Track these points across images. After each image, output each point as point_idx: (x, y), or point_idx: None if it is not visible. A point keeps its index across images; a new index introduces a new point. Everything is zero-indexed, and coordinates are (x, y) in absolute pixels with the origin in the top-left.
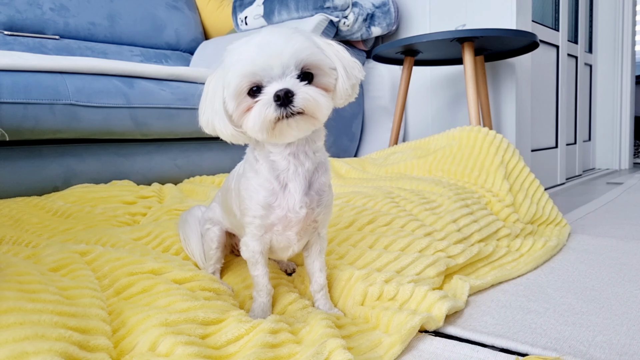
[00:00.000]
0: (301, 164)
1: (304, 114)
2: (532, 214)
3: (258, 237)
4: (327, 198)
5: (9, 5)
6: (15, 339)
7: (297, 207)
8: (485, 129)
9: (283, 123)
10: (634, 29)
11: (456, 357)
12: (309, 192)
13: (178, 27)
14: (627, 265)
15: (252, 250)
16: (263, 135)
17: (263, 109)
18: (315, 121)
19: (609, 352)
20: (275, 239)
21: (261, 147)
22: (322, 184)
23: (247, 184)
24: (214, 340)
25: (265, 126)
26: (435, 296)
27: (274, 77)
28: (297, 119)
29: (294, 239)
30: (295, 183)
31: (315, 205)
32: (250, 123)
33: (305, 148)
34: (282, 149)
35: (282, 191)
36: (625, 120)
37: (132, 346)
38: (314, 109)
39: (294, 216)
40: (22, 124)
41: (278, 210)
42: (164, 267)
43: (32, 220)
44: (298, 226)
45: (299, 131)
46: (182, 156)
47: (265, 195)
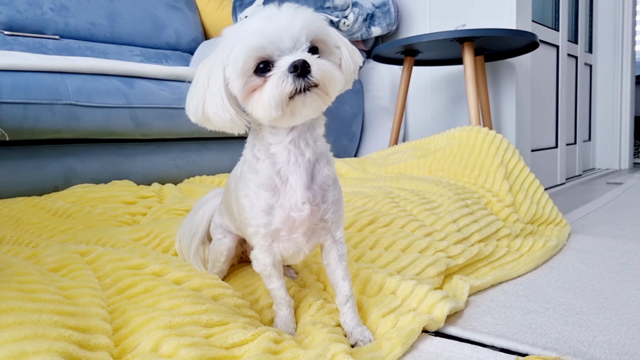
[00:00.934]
0: (301, 154)
1: (318, 88)
2: (532, 214)
3: (266, 249)
4: (332, 193)
5: (9, 5)
6: (15, 338)
7: (299, 203)
8: (485, 129)
9: (298, 99)
10: (634, 29)
11: (456, 357)
12: (311, 187)
13: (178, 27)
14: (627, 265)
15: (264, 264)
16: (276, 113)
17: (279, 81)
18: (327, 98)
19: (609, 352)
20: (283, 246)
21: (261, 139)
22: (325, 176)
23: (246, 190)
24: (218, 342)
25: (281, 101)
26: (437, 296)
27: (284, 50)
28: (312, 94)
29: (301, 241)
30: (296, 176)
31: (320, 201)
32: (264, 98)
33: (307, 135)
34: (283, 137)
35: (283, 187)
36: (625, 120)
37: (134, 346)
38: (330, 82)
39: (297, 215)
40: (22, 124)
41: (280, 212)
42: (164, 269)
43: (32, 220)
44: (304, 226)
45: (312, 109)
46: (182, 156)
47: (267, 197)
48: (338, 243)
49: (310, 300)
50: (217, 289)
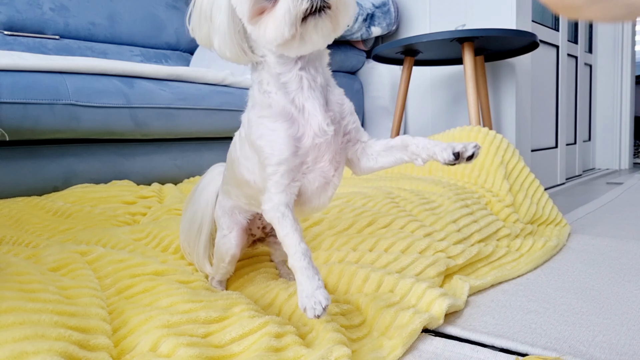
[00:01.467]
0: (313, 79)
1: (331, 11)
2: (532, 214)
3: (284, 188)
4: (348, 105)
5: (9, 5)
6: (15, 338)
7: (323, 125)
8: (485, 129)
9: (311, 22)
10: (633, 29)
11: (456, 357)
12: (328, 108)
13: (178, 27)
14: (627, 266)
15: (277, 203)
16: (289, 32)
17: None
18: (337, 27)
19: (609, 352)
20: (308, 180)
21: (268, 72)
22: (337, 95)
23: (260, 131)
24: (217, 340)
25: (295, 18)
26: (435, 293)
27: None
28: (325, 17)
29: (329, 169)
30: (314, 100)
31: (339, 117)
32: (278, 14)
33: (315, 63)
34: (292, 66)
35: (301, 115)
36: (625, 120)
37: (133, 346)
38: (343, 6)
39: (323, 139)
40: (22, 124)
41: (303, 140)
42: (166, 270)
43: (32, 220)
44: (330, 151)
45: (322, 36)
46: (182, 156)
47: (286, 128)
48: (368, 142)
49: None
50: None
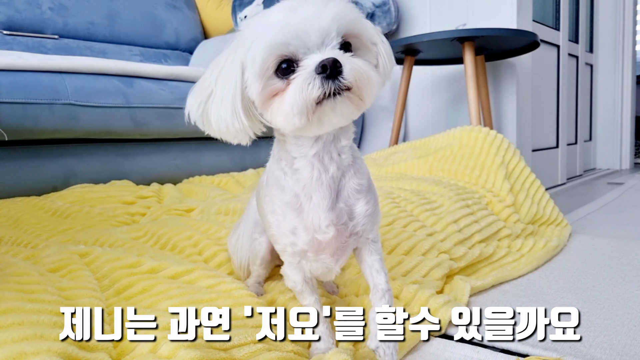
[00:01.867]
0: (325, 170)
1: (351, 92)
2: (532, 214)
3: (295, 266)
4: (364, 208)
5: (8, 5)
6: (14, 339)
7: (323, 225)
8: (486, 129)
9: (327, 104)
10: (634, 29)
11: (456, 357)
12: (335, 206)
13: (177, 27)
14: (628, 266)
15: (294, 281)
16: (300, 122)
17: (304, 84)
18: (361, 104)
19: (609, 352)
20: (311, 266)
21: (285, 152)
22: (351, 190)
23: (272, 207)
24: (218, 344)
25: (306, 108)
26: (439, 301)
27: (311, 47)
28: (343, 99)
29: (330, 262)
30: (319, 195)
31: (347, 219)
32: (286, 104)
33: (331, 148)
34: (308, 149)
35: (308, 205)
36: (626, 120)
37: (133, 347)
38: (365, 85)
39: (322, 237)
40: (21, 123)
41: (303, 234)
42: (161, 265)
43: (31, 221)
44: (331, 247)
45: (343, 117)
46: (181, 156)
47: (291, 217)
48: (371, 242)
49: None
50: (213, 279)
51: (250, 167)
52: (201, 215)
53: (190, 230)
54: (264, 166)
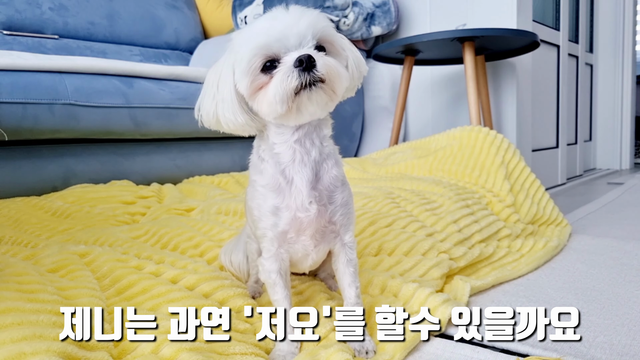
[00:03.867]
0: (307, 152)
1: (325, 84)
2: (532, 214)
3: (273, 253)
4: (341, 195)
5: (8, 5)
6: (14, 339)
7: (305, 203)
8: (486, 129)
9: (304, 94)
10: (634, 29)
11: (456, 357)
12: (316, 187)
13: (177, 27)
14: (627, 266)
15: (268, 270)
16: (282, 108)
17: (284, 76)
18: (333, 95)
19: (609, 352)
20: (293, 250)
21: (265, 140)
22: (332, 177)
23: (253, 193)
24: (220, 349)
25: (286, 97)
26: (438, 300)
27: (290, 48)
28: (318, 90)
29: (309, 244)
30: (302, 175)
31: (327, 201)
32: (270, 94)
33: (313, 135)
34: (289, 136)
35: (288, 187)
36: (626, 120)
37: (134, 347)
38: (335, 78)
39: (304, 215)
40: (21, 123)
41: (286, 213)
42: (160, 269)
43: (31, 221)
44: (312, 228)
45: (318, 106)
46: (181, 156)
47: (272, 197)
48: (347, 247)
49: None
50: (214, 281)
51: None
52: (201, 215)
53: (192, 231)
54: None
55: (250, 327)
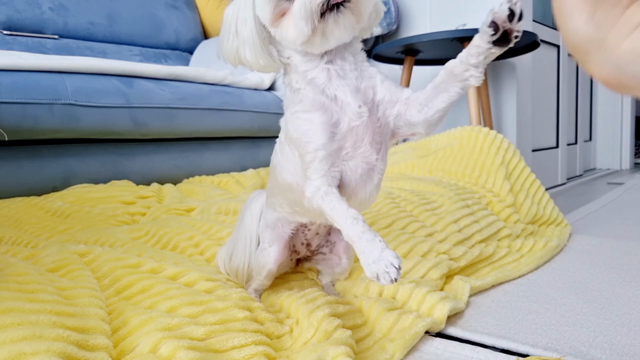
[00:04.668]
0: (341, 68)
1: (352, 3)
2: (532, 214)
3: (324, 172)
4: (379, 78)
5: (8, 5)
6: (13, 339)
7: (356, 108)
8: (486, 129)
9: (330, 17)
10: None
11: (457, 357)
12: (359, 90)
13: (177, 27)
14: (628, 266)
15: (319, 185)
16: (307, 28)
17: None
18: (360, 18)
19: (609, 352)
20: (349, 167)
21: (295, 71)
22: (369, 78)
23: (296, 124)
24: (218, 345)
25: (311, 13)
26: (435, 297)
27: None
28: (345, 11)
29: (370, 152)
30: (344, 88)
31: (372, 97)
32: (294, 10)
33: (344, 54)
34: (318, 62)
35: (334, 104)
36: (626, 120)
37: (133, 347)
38: (364, 1)
39: (359, 122)
40: (21, 123)
41: (341, 125)
42: (161, 266)
43: (31, 221)
44: (368, 133)
45: (345, 29)
46: (181, 156)
47: (320, 115)
48: (409, 97)
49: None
50: (212, 282)
51: (250, 167)
52: (201, 215)
53: (192, 230)
54: (264, 166)
55: (250, 315)
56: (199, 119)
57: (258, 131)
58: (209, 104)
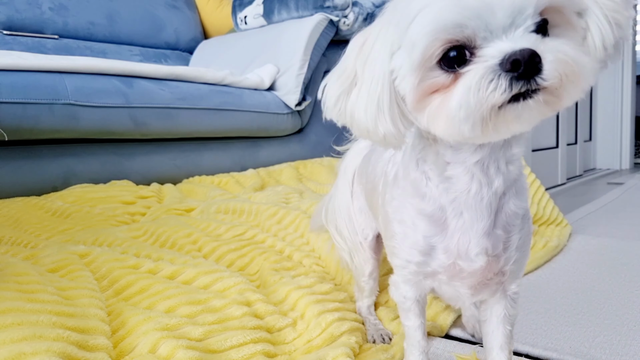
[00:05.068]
0: (488, 183)
1: (549, 93)
2: (532, 214)
3: (413, 283)
4: (518, 236)
5: (8, 5)
6: (13, 339)
7: (471, 253)
8: None
9: (511, 111)
10: (634, 29)
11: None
12: (492, 232)
13: (177, 27)
14: (627, 266)
15: (404, 296)
16: (472, 132)
17: (483, 82)
18: (559, 106)
19: (609, 352)
20: (439, 287)
21: (434, 153)
22: (511, 213)
23: (402, 214)
24: (216, 345)
25: (480, 114)
26: (441, 305)
27: (495, 30)
28: (536, 103)
29: (465, 293)
30: (475, 213)
31: (501, 249)
32: (451, 106)
33: (499, 155)
34: (467, 156)
35: (454, 222)
36: (626, 120)
37: (132, 347)
38: (573, 81)
39: (466, 266)
40: (21, 123)
41: (442, 256)
42: (159, 266)
43: (31, 221)
44: (473, 279)
45: (529, 124)
46: (181, 156)
47: (428, 232)
48: (509, 299)
49: None
50: (213, 274)
51: (250, 167)
52: (201, 215)
53: (189, 228)
54: (263, 166)
55: (249, 310)
56: (199, 119)
57: (258, 131)
58: (209, 104)
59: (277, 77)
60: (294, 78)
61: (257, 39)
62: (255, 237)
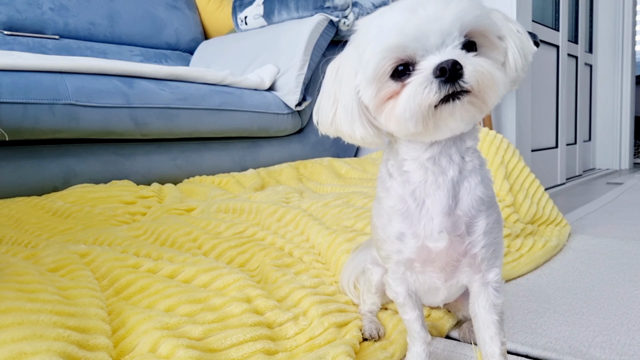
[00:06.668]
0: (442, 172)
1: (473, 95)
2: (532, 214)
3: (399, 276)
4: (484, 222)
5: (9, 5)
6: (14, 339)
7: (435, 231)
8: (485, 129)
9: (445, 109)
10: (634, 29)
11: (456, 357)
12: (453, 212)
13: (178, 27)
14: (627, 266)
15: (395, 292)
16: (415, 128)
17: (419, 88)
18: (484, 107)
19: (609, 352)
20: (417, 279)
21: (395, 153)
22: (475, 199)
23: (378, 210)
24: (216, 344)
25: (421, 113)
26: (439, 313)
27: (430, 48)
28: (463, 103)
29: (437, 278)
30: (435, 198)
31: (464, 231)
32: (399, 109)
33: (451, 150)
34: (421, 153)
35: (417, 211)
36: (626, 120)
37: (133, 347)
38: (488, 87)
39: (432, 245)
40: (21, 124)
41: (412, 241)
42: (158, 265)
43: (31, 221)
44: (441, 260)
45: (462, 121)
46: (181, 156)
47: (398, 221)
48: (490, 288)
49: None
50: (213, 271)
51: (250, 167)
52: (201, 214)
53: (189, 226)
54: (264, 166)
55: (248, 307)
56: (199, 119)
57: (258, 131)
58: (209, 104)
59: (277, 77)
60: (294, 78)
61: (257, 40)
62: (255, 234)
